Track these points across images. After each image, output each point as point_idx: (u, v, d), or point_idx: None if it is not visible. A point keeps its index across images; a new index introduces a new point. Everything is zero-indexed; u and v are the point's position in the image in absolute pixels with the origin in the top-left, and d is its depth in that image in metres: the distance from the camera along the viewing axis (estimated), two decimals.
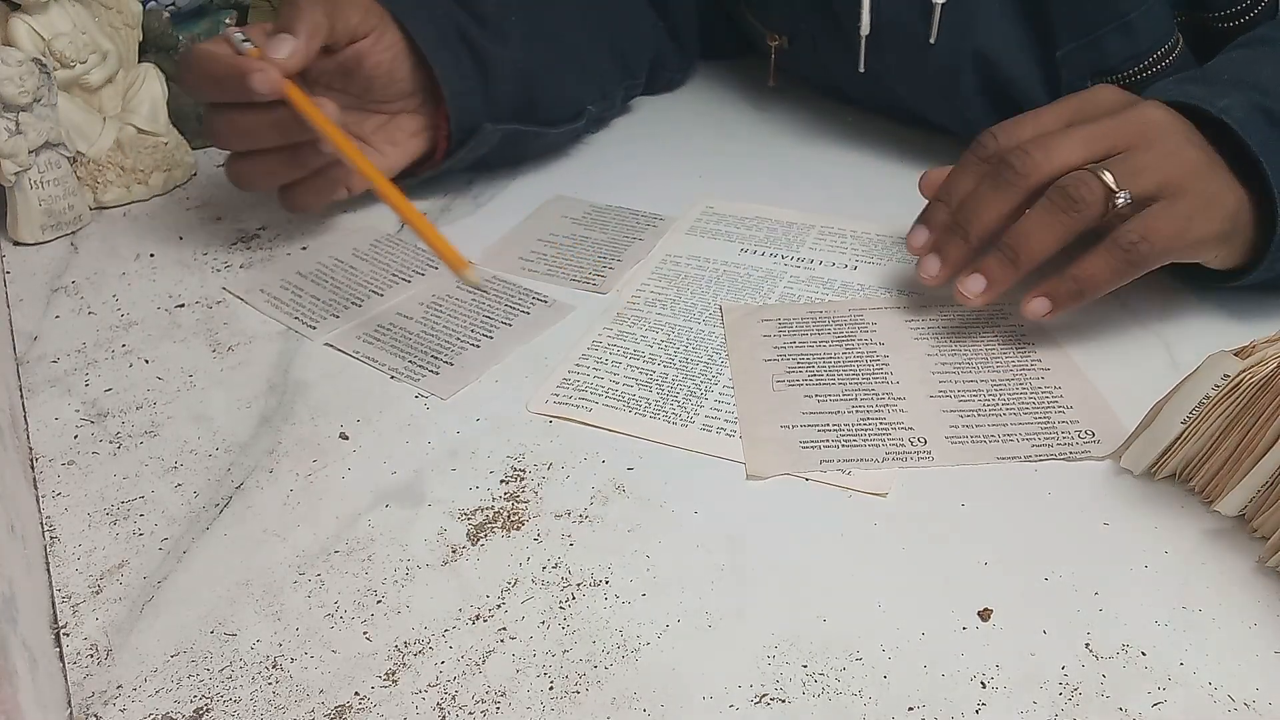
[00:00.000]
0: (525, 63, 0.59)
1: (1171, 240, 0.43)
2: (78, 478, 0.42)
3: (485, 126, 0.58)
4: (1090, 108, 0.46)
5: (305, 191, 0.55)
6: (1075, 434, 0.42)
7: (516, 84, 0.59)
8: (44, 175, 0.57)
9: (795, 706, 0.32)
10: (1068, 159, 0.43)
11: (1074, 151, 0.44)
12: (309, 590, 0.37)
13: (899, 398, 0.44)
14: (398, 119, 0.58)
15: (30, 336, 0.51)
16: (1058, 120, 0.46)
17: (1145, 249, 0.43)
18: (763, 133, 0.70)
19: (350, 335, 0.50)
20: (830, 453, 0.41)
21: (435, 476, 0.41)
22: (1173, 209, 0.43)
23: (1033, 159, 0.44)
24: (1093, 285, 0.44)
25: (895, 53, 0.60)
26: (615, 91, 0.69)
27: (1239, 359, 0.36)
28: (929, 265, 0.47)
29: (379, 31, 0.54)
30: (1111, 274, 0.43)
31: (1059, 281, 0.44)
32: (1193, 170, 0.44)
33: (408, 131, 0.58)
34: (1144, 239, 0.43)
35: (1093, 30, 0.54)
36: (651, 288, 0.53)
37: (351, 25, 0.52)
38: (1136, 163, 0.43)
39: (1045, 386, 0.44)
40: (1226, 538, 0.37)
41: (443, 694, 0.33)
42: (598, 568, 0.37)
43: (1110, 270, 0.43)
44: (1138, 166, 0.43)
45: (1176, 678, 0.33)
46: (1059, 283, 0.44)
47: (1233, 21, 0.54)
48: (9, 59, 0.54)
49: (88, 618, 0.36)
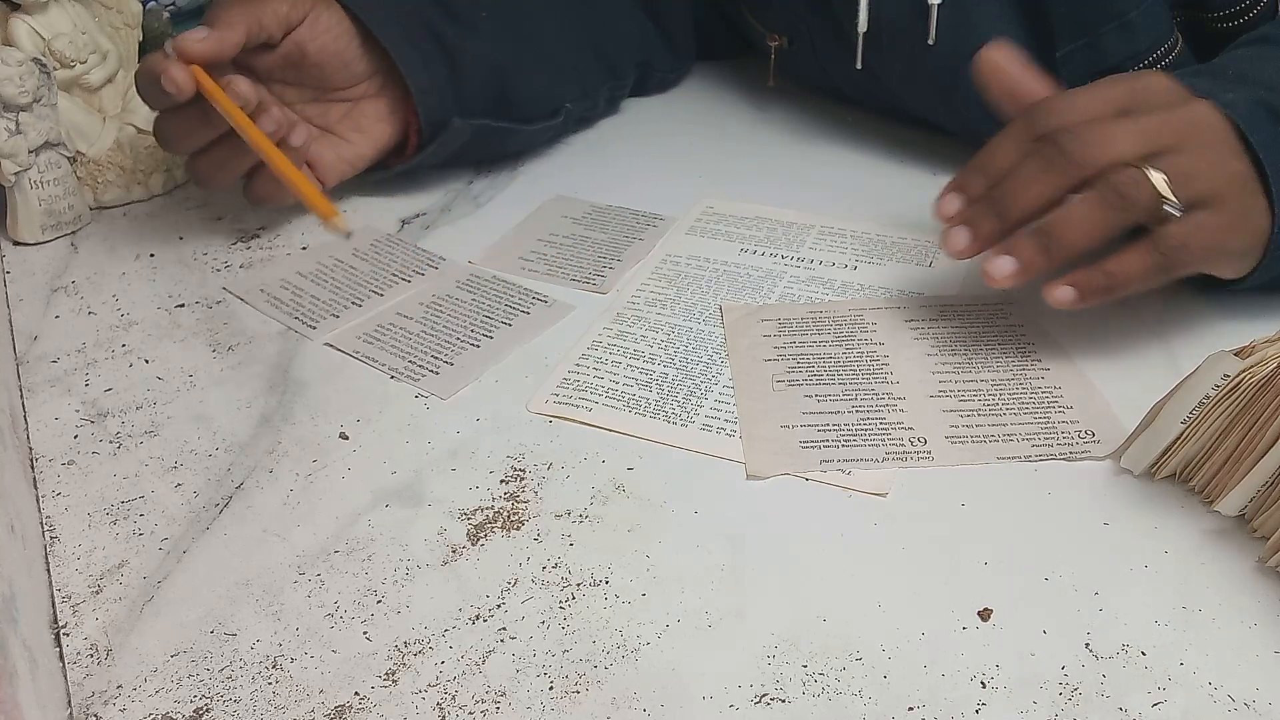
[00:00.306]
0: (496, 57, 0.59)
1: (1208, 251, 0.43)
2: (78, 478, 0.42)
3: (454, 121, 0.58)
4: (1142, 95, 0.44)
5: (265, 181, 0.55)
6: (1075, 434, 0.42)
7: (487, 79, 0.59)
8: (44, 175, 0.57)
9: (795, 706, 0.32)
10: (1121, 151, 0.42)
11: (1128, 144, 0.42)
12: (309, 590, 0.37)
13: (899, 398, 0.44)
14: (361, 105, 0.58)
15: (30, 336, 0.51)
16: (1110, 104, 0.44)
17: (1184, 256, 0.42)
18: (763, 133, 0.70)
19: (350, 335, 0.50)
20: (830, 452, 0.41)
21: (435, 476, 0.41)
22: (1214, 220, 0.42)
23: (1087, 147, 0.42)
24: (1124, 282, 0.43)
25: (894, 53, 0.60)
26: (598, 91, 0.69)
27: (1239, 359, 0.36)
28: (957, 238, 0.45)
29: (314, 15, 0.54)
30: (1145, 274, 0.42)
31: (1090, 274, 0.43)
32: (1239, 184, 0.43)
33: (373, 117, 0.58)
34: (1184, 246, 0.42)
35: (1092, 30, 0.54)
36: (651, 288, 0.53)
37: (282, 14, 0.52)
38: (1187, 167, 0.42)
39: (1045, 386, 0.44)
40: (1226, 538, 0.37)
41: (443, 694, 0.33)
42: (598, 568, 0.37)
43: (1145, 270, 0.42)
44: (1188, 171, 0.42)
45: (1176, 678, 0.33)
46: (1090, 275, 0.43)
47: (1232, 22, 0.54)
48: (9, 59, 0.54)
49: (88, 618, 0.36)
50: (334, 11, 0.54)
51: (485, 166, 0.65)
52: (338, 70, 0.55)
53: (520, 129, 0.63)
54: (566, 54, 0.65)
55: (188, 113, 0.51)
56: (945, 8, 0.57)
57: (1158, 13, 0.54)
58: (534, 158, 0.66)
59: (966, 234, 0.44)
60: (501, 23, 0.60)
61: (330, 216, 0.48)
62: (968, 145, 0.64)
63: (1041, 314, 0.48)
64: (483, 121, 0.59)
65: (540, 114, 0.64)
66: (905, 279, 0.53)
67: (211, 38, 0.49)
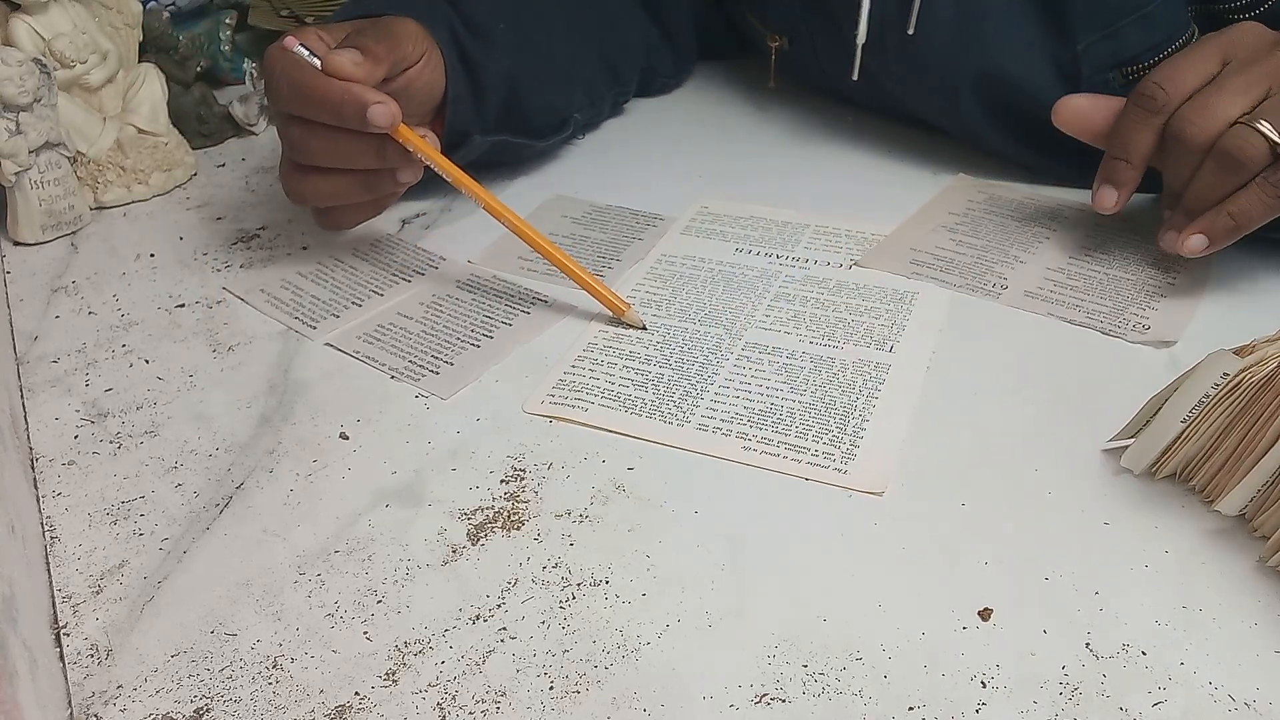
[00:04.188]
0: (513, 72, 0.59)
1: None
2: (78, 478, 0.42)
3: (475, 138, 0.58)
4: (1236, 47, 0.48)
5: (355, 212, 0.54)
6: (1135, 323, 0.48)
7: (504, 94, 0.59)
8: (44, 175, 0.57)
9: (795, 706, 0.32)
10: (1229, 114, 0.46)
11: (1235, 105, 0.46)
12: (309, 590, 0.37)
13: (1022, 262, 0.53)
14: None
15: (30, 336, 0.51)
16: (1208, 64, 0.48)
17: None
18: (763, 133, 0.70)
19: (350, 335, 0.50)
20: (934, 272, 0.53)
21: (435, 476, 0.41)
22: None
23: (1198, 125, 0.46)
24: (1247, 221, 0.46)
25: (896, 54, 0.60)
26: (603, 99, 0.69)
27: (1239, 358, 0.36)
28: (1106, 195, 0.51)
29: (430, 54, 0.54)
30: (1265, 210, 0.46)
31: (1216, 219, 0.47)
32: None
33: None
34: None
35: (1112, 22, 0.55)
36: (647, 288, 0.53)
37: (409, 53, 0.52)
38: None
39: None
40: (1226, 538, 0.37)
41: (443, 694, 0.33)
42: (598, 568, 0.37)
43: (1264, 207, 0.46)
44: None
45: (1176, 677, 0.33)
46: (1216, 220, 0.47)
47: (1248, 11, 0.55)
48: (9, 59, 0.54)
49: (88, 618, 0.36)
50: (437, 51, 0.54)
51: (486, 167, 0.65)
52: (423, 103, 0.55)
53: (533, 144, 0.63)
54: (575, 63, 0.65)
55: (342, 134, 0.49)
56: (953, 5, 0.57)
57: (1175, 4, 0.55)
58: (534, 157, 0.66)
59: (1181, 236, 0.48)
60: (517, 35, 0.60)
61: (623, 312, 0.50)
62: (968, 145, 0.64)
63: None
64: (499, 137, 0.60)
65: (550, 126, 0.64)
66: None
67: (364, 67, 0.48)
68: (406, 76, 0.52)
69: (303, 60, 0.48)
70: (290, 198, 0.53)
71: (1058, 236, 0.56)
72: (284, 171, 0.52)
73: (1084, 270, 0.53)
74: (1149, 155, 0.49)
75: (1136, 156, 0.49)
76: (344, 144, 0.49)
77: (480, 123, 0.58)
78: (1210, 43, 0.48)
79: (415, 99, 0.53)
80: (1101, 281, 0.52)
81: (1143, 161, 0.49)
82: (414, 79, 0.53)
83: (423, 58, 0.53)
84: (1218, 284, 0.51)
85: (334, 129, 0.49)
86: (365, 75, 0.48)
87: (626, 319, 0.50)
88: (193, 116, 0.68)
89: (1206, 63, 0.48)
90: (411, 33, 0.52)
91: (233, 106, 0.70)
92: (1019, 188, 0.61)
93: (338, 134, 0.49)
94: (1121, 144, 0.50)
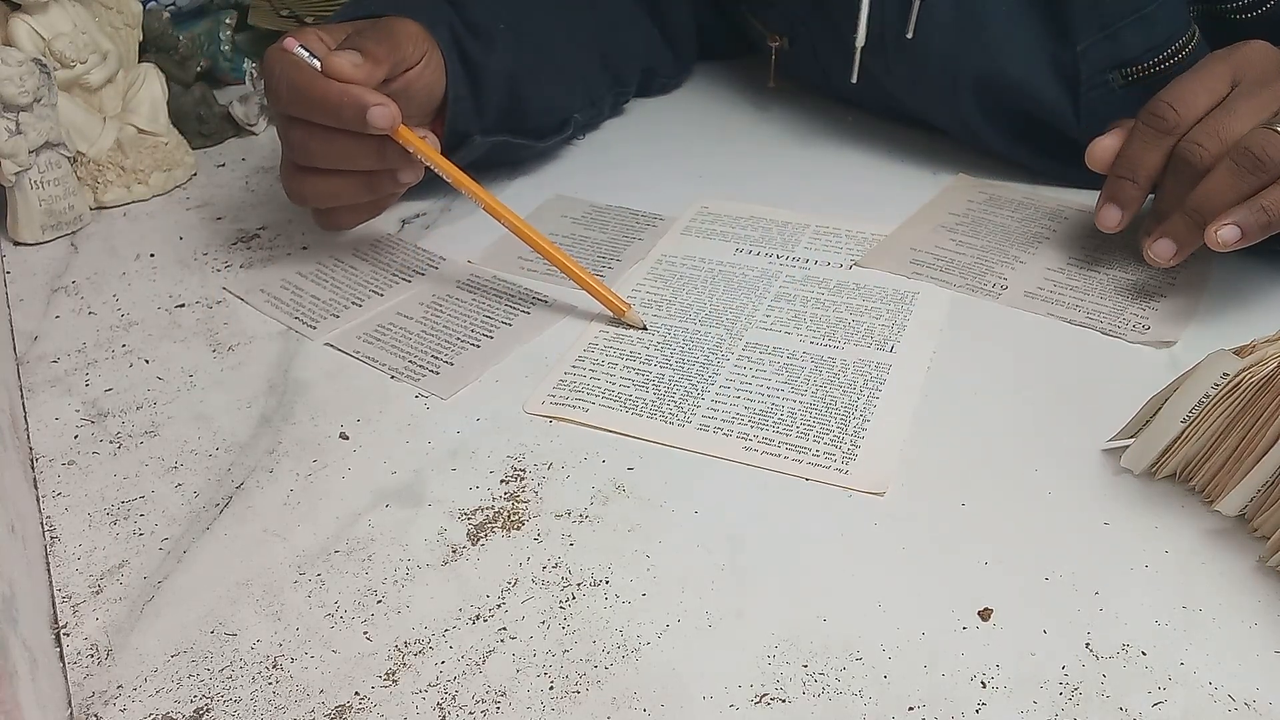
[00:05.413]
0: (513, 73, 0.59)
1: None
2: (78, 478, 0.42)
3: (475, 139, 0.58)
4: (1246, 67, 0.48)
5: (355, 213, 0.54)
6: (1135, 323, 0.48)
7: (504, 94, 0.59)
8: (44, 175, 0.57)
9: (795, 706, 0.32)
10: (1241, 132, 0.45)
11: (1248, 125, 0.45)
12: (309, 590, 0.37)
13: (1022, 262, 0.54)
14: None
15: (30, 336, 0.51)
16: (1217, 84, 0.47)
17: None
18: (762, 133, 0.70)
19: (350, 335, 0.50)
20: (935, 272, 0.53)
21: (435, 476, 0.41)
22: None
23: (1207, 150, 0.46)
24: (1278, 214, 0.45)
25: (896, 56, 0.60)
26: (603, 99, 0.69)
27: (1239, 358, 0.36)
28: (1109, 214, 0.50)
29: (430, 56, 0.54)
30: None
31: (1249, 212, 0.45)
32: None
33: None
34: None
35: (1111, 24, 0.55)
36: (647, 288, 0.53)
37: (409, 54, 0.52)
38: None
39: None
40: (1226, 538, 0.37)
41: (443, 694, 0.33)
42: (598, 568, 0.37)
43: None
44: None
45: (1176, 677, 0.33)
46: (1249, 213, 0.45)
47: (1249, 13, 0.55)
48: (9, 59, 0.54)
49: (88, 618, 0.36)
50: (438, 53, 0.54)
51: (486, 167, 0.65)
52: (424, 104, 0.55)
53: (533, 145, 0.63)
54: (575, 64, 0.65)
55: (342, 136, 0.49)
56: (953, 6, 0.57)
57: (1175, 6, 0.55)
58: (534, 157, 0.66)
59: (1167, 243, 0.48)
60: (516, 35, 0.60)
61: (624, 312, 0.49)
62: (967, 145, 0.64)
63: None
64: (499, 138, 0.60)
65: (550, 126, 0.64)
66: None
67: (364, 69, 0.48)
68: (406, 77, 0.52)
69: (302, 61, 0.48)
70: (290, 198, 0.53)
71: (1058, 236, 0.56)
72: (284, 172, 0.52)
73: (1084, 270, 0.53)
74: (1155, 175, 0.49)
75: (1143, 176, 0.49)
76: (344, 145, 0.49)
77: (480, 123, 0.58)
78: (1220, 61, 0.48)
79: (415, 100, 0.53)
80: (1101, 281, 0.52)
81: (1149, 181, 0.49)
82: (414, 80, 0.53)
83: (423, 59, 0.53)
84: (1218, 284, 0.51)
85: (334, 130, 0.49)
86: (365, 77, 0.48)
87: (627, 319, 0.50)
88: (193, 116, 0.68)
89: (1217, 82, 0.47)
90: (411, 33, 0.52)
91: (233, 106, 0.70)
92: (1019, 188, 0.61)
93: (338, 135, 0.49)
94: (1129, 163, 0.49)
